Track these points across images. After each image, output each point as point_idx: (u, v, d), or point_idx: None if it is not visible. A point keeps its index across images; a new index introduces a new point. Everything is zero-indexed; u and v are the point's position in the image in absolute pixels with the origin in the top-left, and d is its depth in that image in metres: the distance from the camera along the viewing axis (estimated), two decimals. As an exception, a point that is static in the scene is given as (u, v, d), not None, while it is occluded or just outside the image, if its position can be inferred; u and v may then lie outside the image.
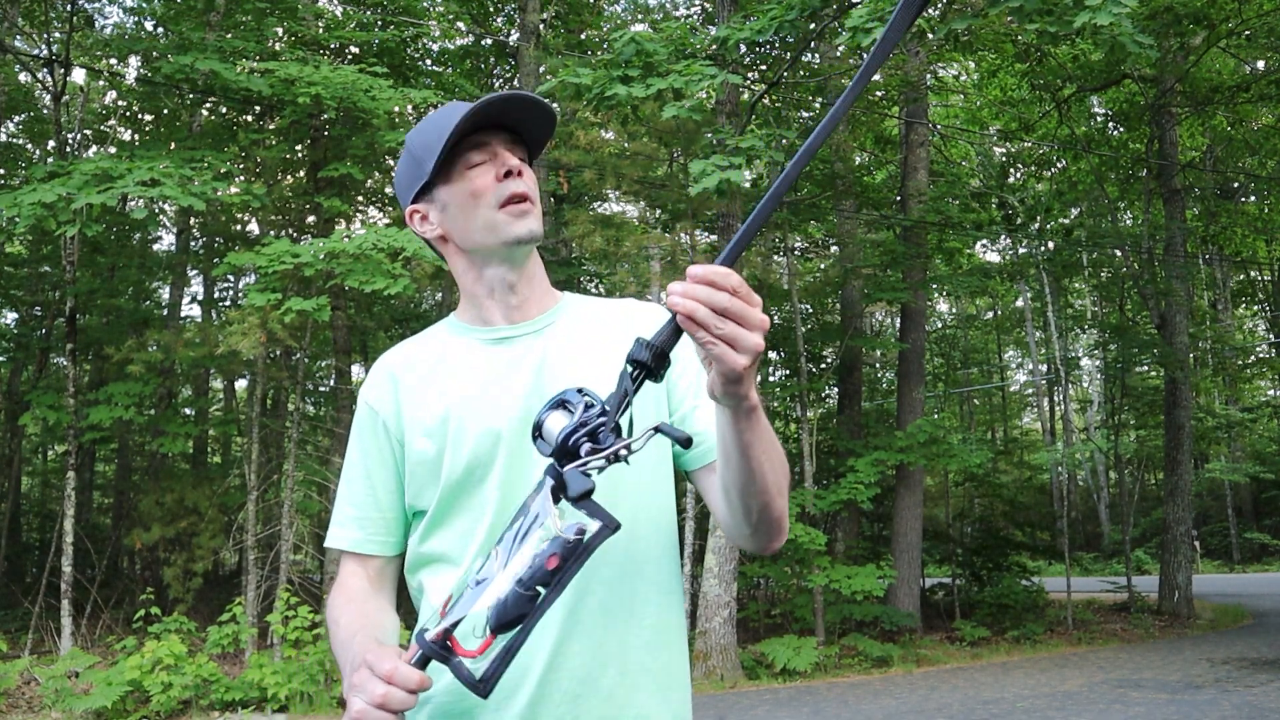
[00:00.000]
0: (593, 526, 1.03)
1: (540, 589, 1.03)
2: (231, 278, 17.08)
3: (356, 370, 18.16)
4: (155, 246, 16.43)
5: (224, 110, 12.69)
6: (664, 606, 1.36)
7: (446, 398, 1.37)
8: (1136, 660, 10.97)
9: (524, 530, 1.05)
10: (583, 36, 16.36)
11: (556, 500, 1.03)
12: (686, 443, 1.07)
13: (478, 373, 1.39)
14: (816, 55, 14.52)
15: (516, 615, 1.02)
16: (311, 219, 12.55)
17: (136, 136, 14.44)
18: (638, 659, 1.32)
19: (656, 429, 1.07)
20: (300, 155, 12.83)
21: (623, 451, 1.03)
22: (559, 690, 1.27)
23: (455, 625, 1.05)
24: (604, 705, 1.29)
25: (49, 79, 12.85)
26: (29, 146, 15.91)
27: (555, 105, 12.97)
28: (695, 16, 16.41)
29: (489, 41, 16.07)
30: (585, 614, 1.29)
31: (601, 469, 1.03)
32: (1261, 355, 25.93)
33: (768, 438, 1.18)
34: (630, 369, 1.05)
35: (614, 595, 1.31)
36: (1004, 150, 18.79)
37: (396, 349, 1.49)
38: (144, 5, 13.76)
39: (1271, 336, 27.47)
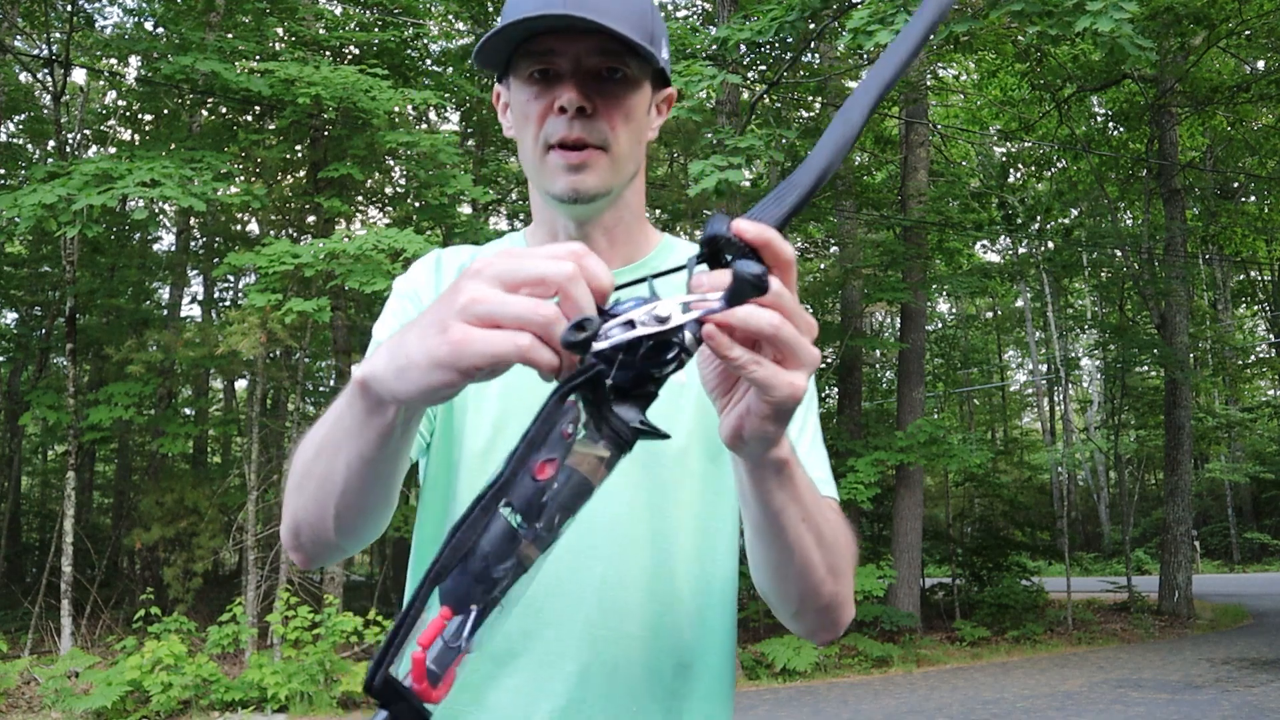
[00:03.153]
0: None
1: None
2: (231, 278, 17.07)
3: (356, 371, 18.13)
4: (155, 246, 16.43)
5: (224, 110, 12.68)
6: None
7: None
8: (1136, 660, 10.97)
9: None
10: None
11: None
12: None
13: None
14: (816, 55, 14.52)
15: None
16: (311, 219, 12.56)
17: (136, 137, 14.44)
18: None
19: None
20: (300, 155, 12.82)
21: (639, 317, 0.62)
22: None
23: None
24: None
25: (49, 79, 12.86)
26: (29, 146, 15.91)
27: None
28: (695, 17, 16.40)
29: (489, 41, 16.05)
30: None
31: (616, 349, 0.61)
32: (1261, 355, 25.95)
33: (808, 500, 0.86)
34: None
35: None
36: (1004, 150, 18.79)
37: (454, 249, 1.18)
38: (144, 5, 13.75)
39: (1271, 336, 27.46)
